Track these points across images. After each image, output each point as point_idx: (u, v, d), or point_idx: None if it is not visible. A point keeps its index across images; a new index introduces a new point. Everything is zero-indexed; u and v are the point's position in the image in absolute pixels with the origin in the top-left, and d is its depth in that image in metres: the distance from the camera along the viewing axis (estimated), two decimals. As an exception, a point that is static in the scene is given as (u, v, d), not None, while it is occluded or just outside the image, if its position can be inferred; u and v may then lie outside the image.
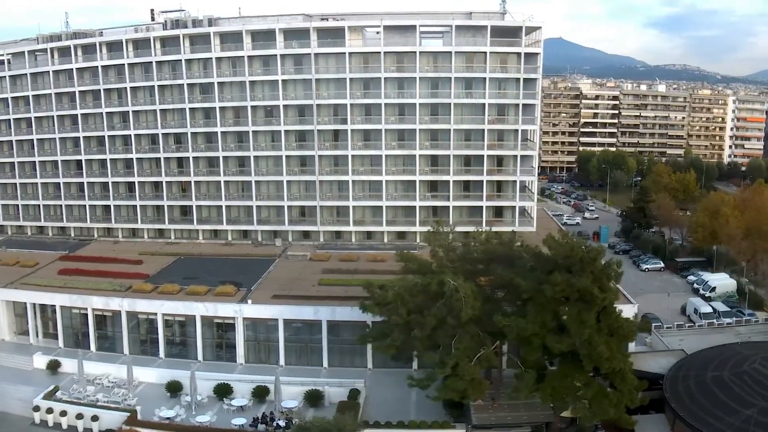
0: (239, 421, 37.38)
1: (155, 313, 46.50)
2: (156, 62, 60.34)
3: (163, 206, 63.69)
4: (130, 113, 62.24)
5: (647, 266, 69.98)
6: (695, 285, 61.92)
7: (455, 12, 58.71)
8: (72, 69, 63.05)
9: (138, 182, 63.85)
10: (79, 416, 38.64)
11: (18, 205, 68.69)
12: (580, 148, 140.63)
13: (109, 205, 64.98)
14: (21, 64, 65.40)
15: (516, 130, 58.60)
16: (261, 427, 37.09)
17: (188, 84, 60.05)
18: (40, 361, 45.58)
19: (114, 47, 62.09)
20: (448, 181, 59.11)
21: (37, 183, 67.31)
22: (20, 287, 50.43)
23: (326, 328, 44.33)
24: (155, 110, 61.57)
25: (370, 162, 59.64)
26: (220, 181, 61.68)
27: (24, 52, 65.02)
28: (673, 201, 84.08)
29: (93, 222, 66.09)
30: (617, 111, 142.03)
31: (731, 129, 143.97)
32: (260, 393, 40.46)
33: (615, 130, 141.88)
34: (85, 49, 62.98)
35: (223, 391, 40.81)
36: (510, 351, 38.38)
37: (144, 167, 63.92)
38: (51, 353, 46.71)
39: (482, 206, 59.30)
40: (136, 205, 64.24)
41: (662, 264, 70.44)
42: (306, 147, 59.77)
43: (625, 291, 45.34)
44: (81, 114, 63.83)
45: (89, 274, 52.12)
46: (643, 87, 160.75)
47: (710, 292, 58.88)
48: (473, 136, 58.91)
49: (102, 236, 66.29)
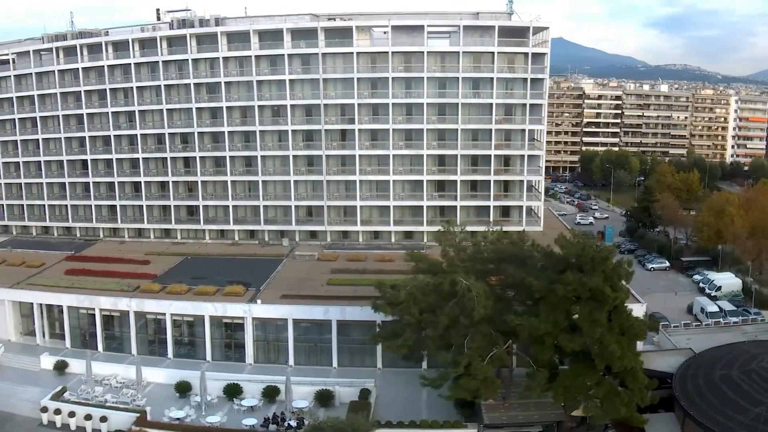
0: (250, 422, 37.26)
1: (164, 314, 46.40)
2: (162, 62, 60.20)
3: (170, 206, 63.55)
4: (137, 113, 62.14)
5: (653, 266, 70.05)
6: (701, 284, 62.09)
7: (462, 12, 58.74)
8: (78, 68, 62.87)
9: (144, 182, 63.72)
10: (88, 417, 38.44)
11: (23, 205, 68.55)
12: (583, 148, 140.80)
13: (115, 205, 64.84)
14: (26, 64, 65.21)
15: (523, 130, 58.65)
16: (272, 428, 37.00)
17: (195, 83, 59.93)
18: (47, 362, 45.44)
19: (120, 47, 61.99)
20: (456, 181, 59.11)
21: (43, 183, 67.17)
22: (27, 287, 50.32)
23: (336, 328, 44.26)
24: (162, 110, 61.48)
25: (378, 162, 59.62)
26: (227, 181, 61.59)
27: (29, 52, 64.75)
28: (677, 201, 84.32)
29: (99, 222, 65.97)
30: (620, 111, 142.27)
31: (733, 129, 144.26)
32: (270, 393, 40.38)
33: (618, 130, 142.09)
34: (91, 49, 62.81)
35: (233, 392, 40.71)
36: (520, 350, 38.33)
37: (150, 167, 63.83)
38: (58, 354, 46.57)
39: (489, 206, 59.35)
40: (143, 205, 64.15)
41: (667, 263, 70.62)
42: (313, 147, 59.71)
43: (632, 290, 45.31)
44: (87, 114, 63.71)
45: (96, 275, 52.01)
46: (646, 87, 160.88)
47: (716, 292, 59.07)
48: (480, 136, 58.94)
49: (108, 236, 66.14)
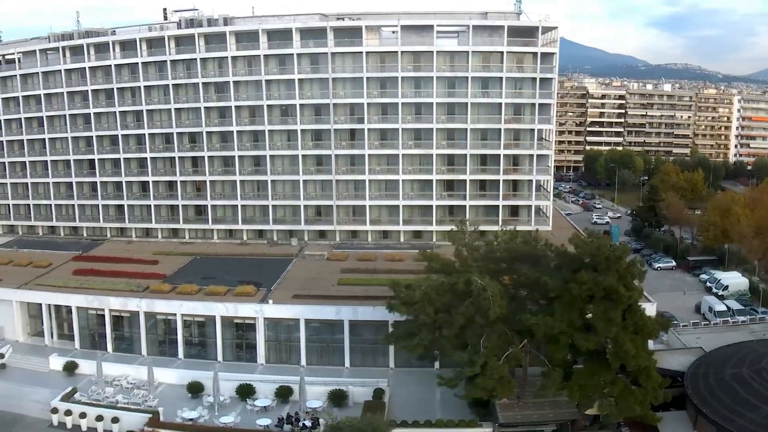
0: (264, 422, 37.14)
1: (174, 314, 46.24)
2: (171, 61, 60.05)
3: (178, 206, 63.42)
4: (144, 112, 62.00)
5: (659, 265, 70.09)
6: (708, 283, 62.19)
7: (471, 12, 58.70)
8: (85, 68, 62.73)
9: (152, 182, 63.58)
10: (99, 418, 38.20)
11: (29, 205, 68.32)
12: (587, 148, 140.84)
13: (123, 205, 64.72)
14: (32, 63, 64.99)
15: (532, 130, 58.65)
16: (287, 428, 36.92)
17: (203, 83, 59.81)
18: (57, 363, 45.18)
19: (127, 46, 61.80)
20: (465, 181, 59.10)
21: (49, 182, 66.97)
22: (35, 288, 50.11)
23: (348, 328, 44.15)
24: (170, 109, 61.33)
25: (387, 161, 59.59)
26: (236, 181, 61.50)
27: (35, 51, 64.59)
28: (682, 200, 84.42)
29: (106, 222, 65.79)
30: (623, 110, 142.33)
31: (737, 128, 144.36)
32: (283, 393, 40.29)
33: (621, 130, 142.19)
34: (98, 48, 62.66)
35: (246, 392, 40.57)
36: (534, 349, 38.28)
37: (158, 167, 63.69)
38: (67, 354, 46.30)
39: (498, 205, 59.35)
40: (150, 205, 64.00)
41: (674, 263, 70.66)
42: (322, 146, 59.65)
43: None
44: (94, 113, 63.50)
45: (105, 275, 51.79)
46: (649, 86, 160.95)
47: (723, 291, 59.17)
48: (489, 136, 58.93)
49: (115, 236, 65.97)
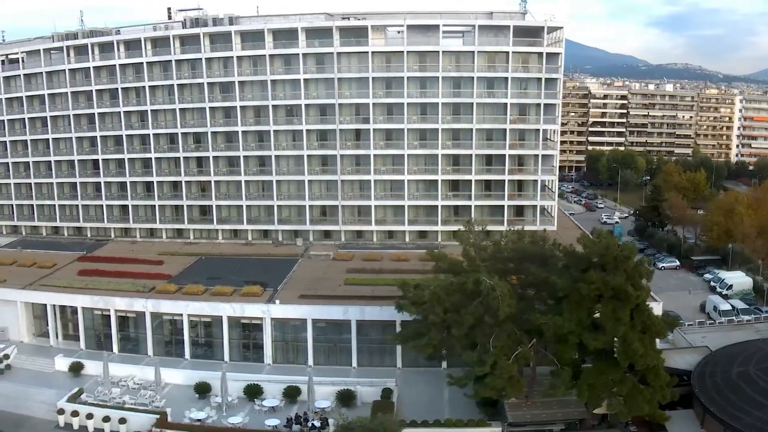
0: (273, 422, 37.05)
1: (180, 314, 46.18)
2: (175, 61, 59.99)
3: (182, 206, 63.34)
4: (149, 112, 61.90)
5: (663, 265, 70.07)
6: (712, 283, 62.23)
7: (476, 12, 58.65)
8: (89, 67, 62.58)
9: (156, 182, 63.50)
10: (106, 419, 38.05)
11: (33, 205, 68.23)
12: (589, 148, 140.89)
13: (127, 205, 64.59)
14: (36, 63, 64.87)
15: (537, 130, 58.65)
16: (296, 428, 36.88)
17: (208, 83, 59.74)
18: (62, 363, 45.06)
19: (132, 46, 61.70)
20: (470, 181, 59.10)
21: (53, 183, 66.86)
22: (40, 288, 50.00)
23: (355, 328, 44.11)
24: (174, 109, 61.24)
25: (392, 161, 59.57)
26: (241, 181, 61.42)
27: (39, 51, 64.41)
28: (684, 200, 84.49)
29: (110, 222, 65.70)
30: (625, 110, 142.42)
31: (738, 128, 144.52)
32: (291, 393, 40.25)
33: (623, 130, 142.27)
34: (102, 48, 62.50)
35: (254, 392, 40.52)
36: (542, 348, 38.29)
37: (162, 167, 63.58)
38: (72, 355, 46.24)
39: (503, 205, 59.34)
40: (155, 205, 63.89)
41: (678, 262, 70.68)
42: (327, 146, 59.60)
43: (649, 289, 45.28)
44: (98, 113, 63.42)
45: (110, 275, 51.72)
46: (651, 87, 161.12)
47: (727, 290, 59.21)
48: (495, 136, 58.88)
49: (119, 236, 65.85)
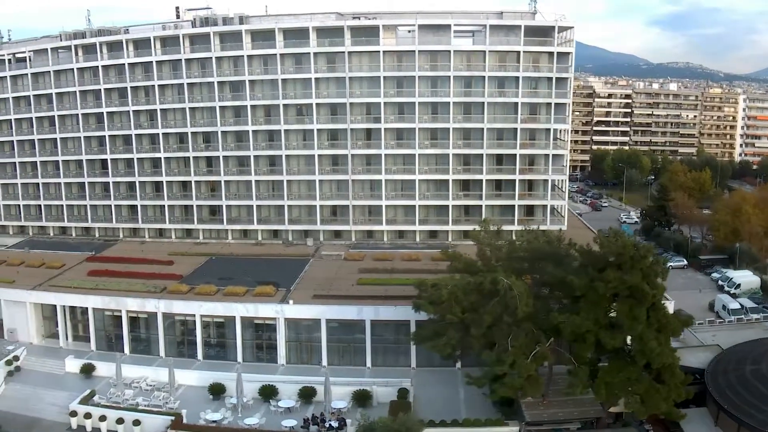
0: (290, 423, 36.92)
1: (193, 315, 46.03)
2: (185, 60, 59.77)
3: (192, 206, 63.10)
4: (158, 111, 61.65)
5: (671, 264, 69.18)
6: (720, 282, 62.20)
7: (487, 11, 58.53)
8: (97, 66, 62.31)
9: (166, 182, 63.24)
10: (120, 421, 37.85)
11: (40, 206, 67.97)
12: (593, 147, 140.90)
13: (136, 205, 64.33)
14: (43, 62, 64.58)
15: (548, 129, 58.55)
16: (313, 429, 36.77)
17: (218, 82, 59.52)
18: (73, 365, 44.85)
19: (141, 45, 61.49)
20: (481, 180, 59.00)
21: (61, 183, 66.59)
22: (50, 289, 49.76)
23: (369, 328, 44.01)
24: (184, 108, 61.00)
25: (403, 161, 59.42)
26: (251, 181, 61.19)
27: (47, 50, 64.11)
28: (690, 199, 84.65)
29: (119, 222, 65.43)
30: (630, 110, 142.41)
31: (742, 127, 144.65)
32: (307, 394, 40.16)
33: (627, 129, 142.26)
34: (111, 47, 62.24)
35: (269, 393, 40.38)
36: (559, 347, 38.26)
37: (172, 166, 63.34)
38: (83, 356, 46.02)
39: (514, 205, 59.23)
40: (164, 205, 63.65)
41: (685, 261, 70.65)
42: (338, 146, 59.43)
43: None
44: (106, 112, 63.18)
45: (120, 275, 51.46)
46: (655, 86, 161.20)
47: (735, 289, 59.17)
48: (505, 135, 58.79)
49: (127, 236, 65.61)
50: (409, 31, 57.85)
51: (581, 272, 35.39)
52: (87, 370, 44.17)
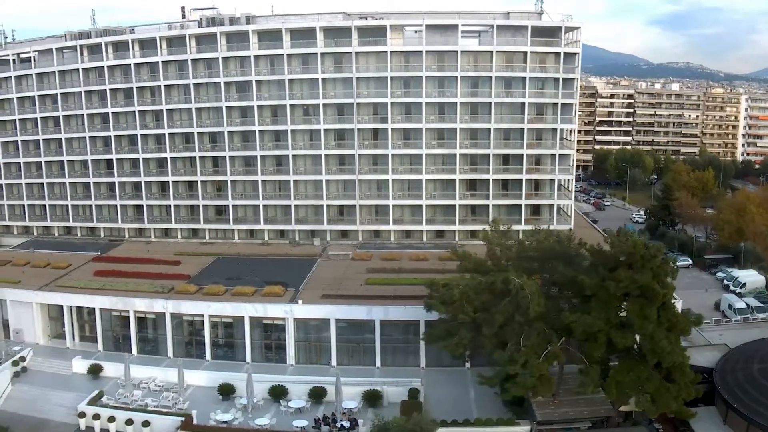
0: (301, 423, 36.74)
1: (201, 315, 45.91)
2: (191, 60, 59.69)
3: (198, 206, 63.05)
4: (164, 112, 61.61)
5: (676, 263, 69.99)
6: (725, 281, 62.28)
7: (494, 12, 58.74)
8: (103, 66, 62.26)
9: (172, 182, 63.17)
10: (129, 422, 37.56)
11: (45, 206, 67.89)
12: (596, 147, 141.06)
13: (141, 205, 64.34)
14: (48, 62, 64.50)
15: (554, 129, 58.63)
16: (324, 429, 36.64)
17: (225, 82, 59.49)
18: (81, 366, 44.58)
19: (147, 45, 61.43)
20: (487, 180, 59.09)
21: (66, 183, 66.51)
22: (56, 290, 49.55)
23: (379, 328, 43.97)
24: (190, 108, 60.96)
25: (410, 161, 59.48)
26: (258, 181, 61.15)
27: (51, 50, 64.06)
28: (694, 199, 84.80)
29: (124, 222, 65.35)
30: (632, 110, 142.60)
31: (744, 127, 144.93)
32: (317, 394, 40.03)
33: (630, 129, 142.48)
34: (116, 47, 62.22)
35: (279, 393, 40.25)
36: (569, 347, 38.27)
37: (178, 166, 63.29)
38: (90, 357, 45.81)
39: (521, 205, 59.31)
40: (170, 205, 63.59)
41: (690, 261, 70.72)
42: (345, 146, 59.46)
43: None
44: (112, 112, 63.07)
45: (127, 276, 51.29)
46: (657, 86, 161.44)
47: (740, 288, 59.28)
48: (512, 135, 58.88)
49: (133, 237, 65.54)
50: (416, 32, 57.88)
51: (592, 272, 35.45)
52: (94, 371, 43.92)
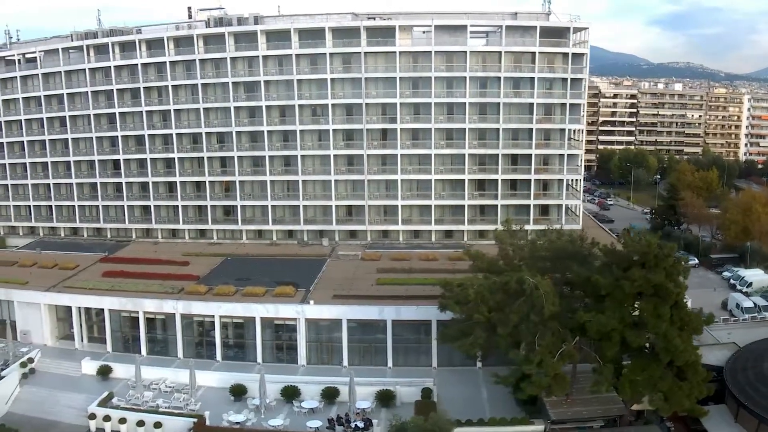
0: (315, 424, 36.62)
1: (212, 316, 45.73)
2: (199, 60, 59.64)
3: (206, 206, 62.97)
4: (172, 112, 61.53)
5: (687, 263, 69.99)
6: (731, 281, 62.31)
7: (502, 12, 58.79)
8: (109, 67, 62.18)
9: (179, 182, 63.09)
10: (140, 423, 37.23)
11: (51, 206, 67.77)
12: (599, 147, 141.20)
13: (149, 206, 64.25)
14: (54, 62, 64.40)
15: (562, 130, 58.76)
16: (338, 429, 36.55)
17: (233, 82, 59.43)
18: (89, 367, 44.23)
19: (154, 45, 61.36)
20: (496, 180, 59.16)
21: (72, 183, 66.41)
22: (64, 290, 49.32)
23: (391, 328, 43.90)
24: (198, 109, 60.91)
25: (419, 161, 59.52)
26: (266, 181, 61.12)
27: (57, 50, 63.93)
28: (699, 199, 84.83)
29: (131, 223, 65.26)
30: (635, 110, 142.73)
31: (747, 127, 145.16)
32: (330, 394, 39.90)
33: (633, 129, 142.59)
34: (123, 47, 62.14)
35: (291, 394, 40.11)
36: (583, 346, 38.26)
37: (185, 167, 63.22)
38: (99, 358, 45.48)
39: (529, 205, 59.36)
40: (178, 206, 63.51)
41: (696, 260, 70.71)
42: (354, 146, 59.46)
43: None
44: (119, 113, 63.00)
45: (135, 276, 51.01)
46: (660, 86, 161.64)
47: (747, 288, 59.28)
48: (521, 136, 58.96)
49: (140, 237, 65.44)
50: (425, 32, 57.96)
51: (605, 271, 35.49)
52: (104, 372, 43.56)
